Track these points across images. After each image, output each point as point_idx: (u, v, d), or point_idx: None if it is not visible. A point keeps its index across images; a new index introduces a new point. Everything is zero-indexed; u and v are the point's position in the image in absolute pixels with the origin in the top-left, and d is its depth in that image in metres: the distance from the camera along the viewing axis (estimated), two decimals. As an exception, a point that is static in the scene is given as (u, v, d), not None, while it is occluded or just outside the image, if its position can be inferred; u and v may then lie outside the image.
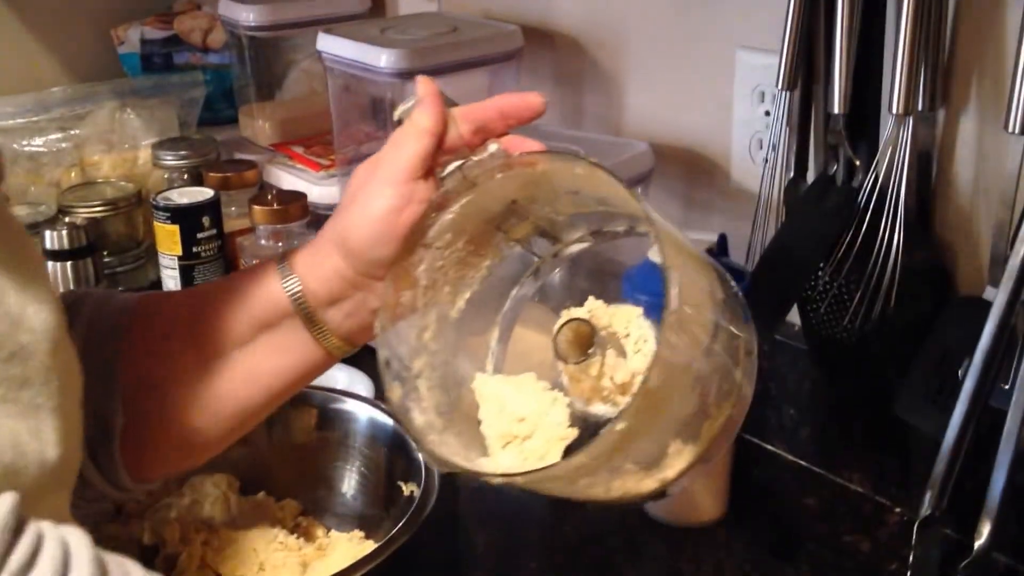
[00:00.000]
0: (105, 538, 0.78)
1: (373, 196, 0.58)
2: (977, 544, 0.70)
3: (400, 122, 0.59)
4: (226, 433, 0.65)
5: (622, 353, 0.57)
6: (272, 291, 0.62)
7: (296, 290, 0.61)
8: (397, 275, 0.58)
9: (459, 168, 0.58)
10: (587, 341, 0.56)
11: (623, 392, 0.57)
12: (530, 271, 0.63)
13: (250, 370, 0.63)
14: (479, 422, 0.56)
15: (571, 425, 0.54)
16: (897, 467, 0.85)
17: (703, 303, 0.53)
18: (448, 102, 0.60)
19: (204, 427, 0.63)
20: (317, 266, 0.61)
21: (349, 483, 0.81)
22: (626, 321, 0.57)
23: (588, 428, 0.55)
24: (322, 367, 0.64)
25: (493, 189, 0.58)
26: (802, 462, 0.88)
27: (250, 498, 0.82)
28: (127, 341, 0.61)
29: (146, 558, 0.78)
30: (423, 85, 0.58)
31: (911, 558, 0.70)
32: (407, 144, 0.58)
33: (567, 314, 0.58)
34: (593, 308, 0.58)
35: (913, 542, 0.70)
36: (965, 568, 0.70)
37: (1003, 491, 0.70)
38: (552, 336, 0.56)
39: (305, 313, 0.61)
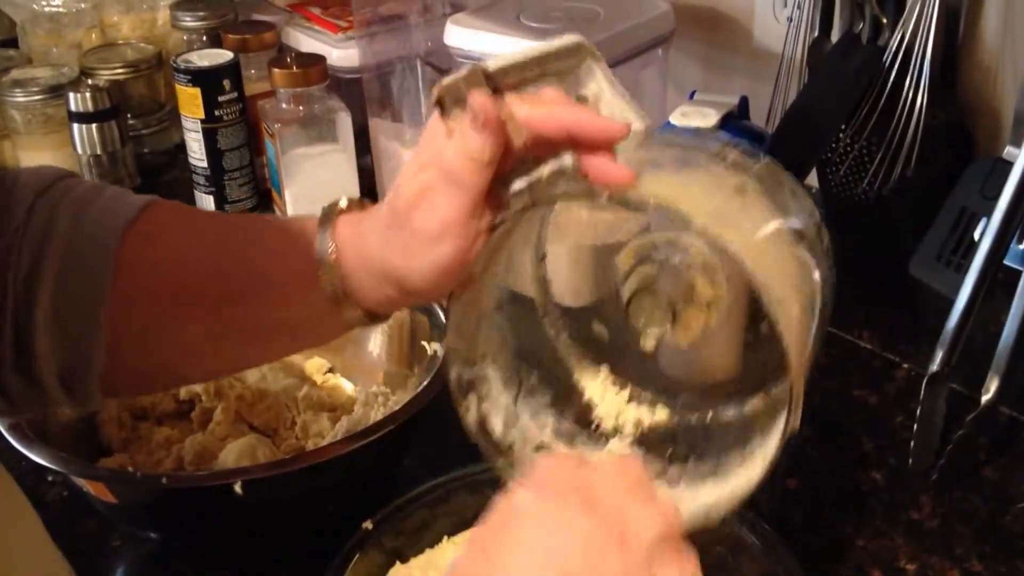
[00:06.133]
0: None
1: (433, 243, 0.52)
2: (984, 399, 0.73)
3: (440, 103, 0.50)
4: (213, 377, 0.64)
5: None
6: (313, 305, 0.56)
7: (351, 312, 0.56)
8: (463, 297, 0.55)
9: (528, 189, 0.51)
10: None
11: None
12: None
13: (261, 347, 0.60)
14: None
15: None
16: (907, 325, 0.86)
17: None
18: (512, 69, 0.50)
19: (195, 376, 0.62)
20: (371, 290, 0.56)
21: (375, 342, 0.83)
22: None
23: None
24: (336, 337, 0.61)
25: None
26: (816, 321, 0.89)
27: (280, 355, 0.84)
28: (118, 289, 0.54)
29: (182, 412, 0.81)
30: (478, 99, 0.49)
31: (918, 411, 0.72)
32: (466, 179, 0.50)
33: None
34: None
35: (921, 396, 0.72)
36: (971, 420, 0.72)
37: (1013, 347, 0.72)
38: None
39: (343, 318, 0.57)
